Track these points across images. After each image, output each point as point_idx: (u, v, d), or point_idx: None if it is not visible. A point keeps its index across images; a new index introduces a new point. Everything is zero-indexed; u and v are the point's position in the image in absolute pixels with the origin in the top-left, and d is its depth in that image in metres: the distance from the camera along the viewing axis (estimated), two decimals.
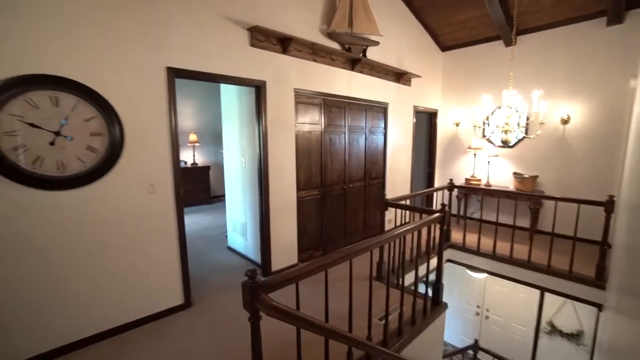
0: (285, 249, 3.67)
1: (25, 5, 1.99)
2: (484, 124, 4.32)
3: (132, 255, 2.53)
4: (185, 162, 7.06)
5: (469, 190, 5.21)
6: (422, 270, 3.21)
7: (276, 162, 3.45)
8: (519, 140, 5.12)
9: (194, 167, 7.03)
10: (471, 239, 4.45)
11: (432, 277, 2.99)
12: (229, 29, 2.94)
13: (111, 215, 2.41)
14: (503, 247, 4.14)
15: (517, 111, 3.71)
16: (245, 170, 3.79)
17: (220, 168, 7.58)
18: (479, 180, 5.45)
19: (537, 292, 4.36)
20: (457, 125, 5.95)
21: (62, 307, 2.25)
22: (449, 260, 4.52)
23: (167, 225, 2.71)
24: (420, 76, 5.27)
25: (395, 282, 3.21)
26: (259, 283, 1.32)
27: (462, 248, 4.37)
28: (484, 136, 4.75)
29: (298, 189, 3.73)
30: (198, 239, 4.81)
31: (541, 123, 3.85)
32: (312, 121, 3.83)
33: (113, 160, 2.38)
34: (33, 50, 2.03)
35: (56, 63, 2.11)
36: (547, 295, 4.42)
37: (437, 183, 6.30)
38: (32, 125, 2.07)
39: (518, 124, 3.72)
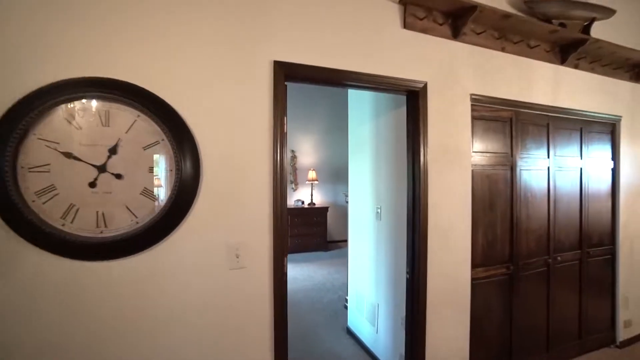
0: None
1: None
2: None
3: None
4: (303, 202, 6.33)
5: None
6: None
7: (439, 217, 2.01)
8: None
9: (311, 208, 6.22)
10: None
11: None
12: (369, 1, 1.83)
13: (169, 306, 1.42)
14: None
15: None
16: (381, 225, 2.48)
17: (339, 209, 6.60)
18: None
19: None
20: None
21: None
22: None
23: (258, 328, 1.58)
24: None
25: None
26: None
27: None
28: None
29: (473, 265, 2.16)
30: (307, 304, 3.70)
31: None
32: (495, 149, 2.28)
33: (179, 213, 1.43)
34: (84, 47, 1.31)
35: (112, 62, 1.34)
36: None
37: None
38: (69, 155, 1.30)
39: None
